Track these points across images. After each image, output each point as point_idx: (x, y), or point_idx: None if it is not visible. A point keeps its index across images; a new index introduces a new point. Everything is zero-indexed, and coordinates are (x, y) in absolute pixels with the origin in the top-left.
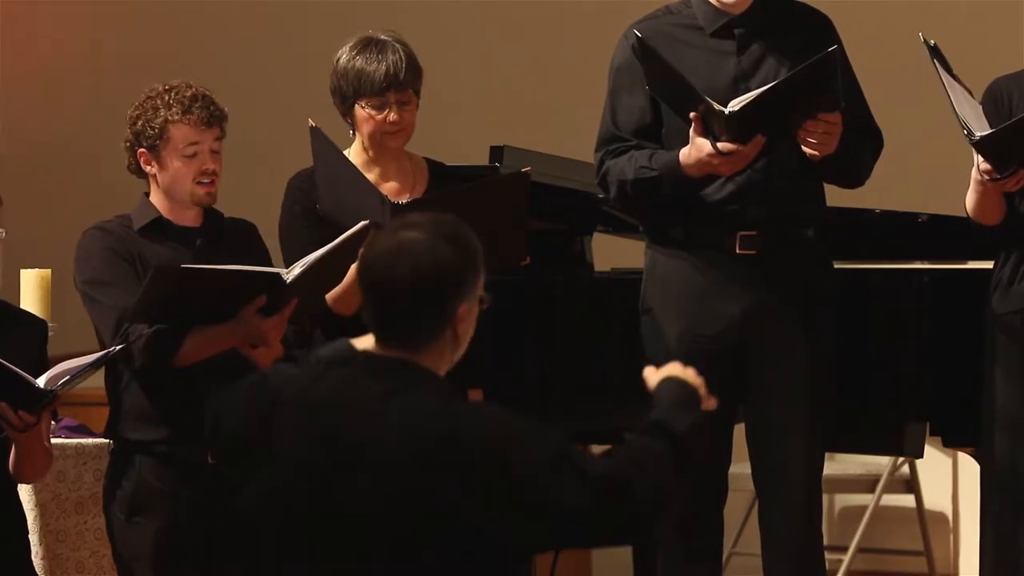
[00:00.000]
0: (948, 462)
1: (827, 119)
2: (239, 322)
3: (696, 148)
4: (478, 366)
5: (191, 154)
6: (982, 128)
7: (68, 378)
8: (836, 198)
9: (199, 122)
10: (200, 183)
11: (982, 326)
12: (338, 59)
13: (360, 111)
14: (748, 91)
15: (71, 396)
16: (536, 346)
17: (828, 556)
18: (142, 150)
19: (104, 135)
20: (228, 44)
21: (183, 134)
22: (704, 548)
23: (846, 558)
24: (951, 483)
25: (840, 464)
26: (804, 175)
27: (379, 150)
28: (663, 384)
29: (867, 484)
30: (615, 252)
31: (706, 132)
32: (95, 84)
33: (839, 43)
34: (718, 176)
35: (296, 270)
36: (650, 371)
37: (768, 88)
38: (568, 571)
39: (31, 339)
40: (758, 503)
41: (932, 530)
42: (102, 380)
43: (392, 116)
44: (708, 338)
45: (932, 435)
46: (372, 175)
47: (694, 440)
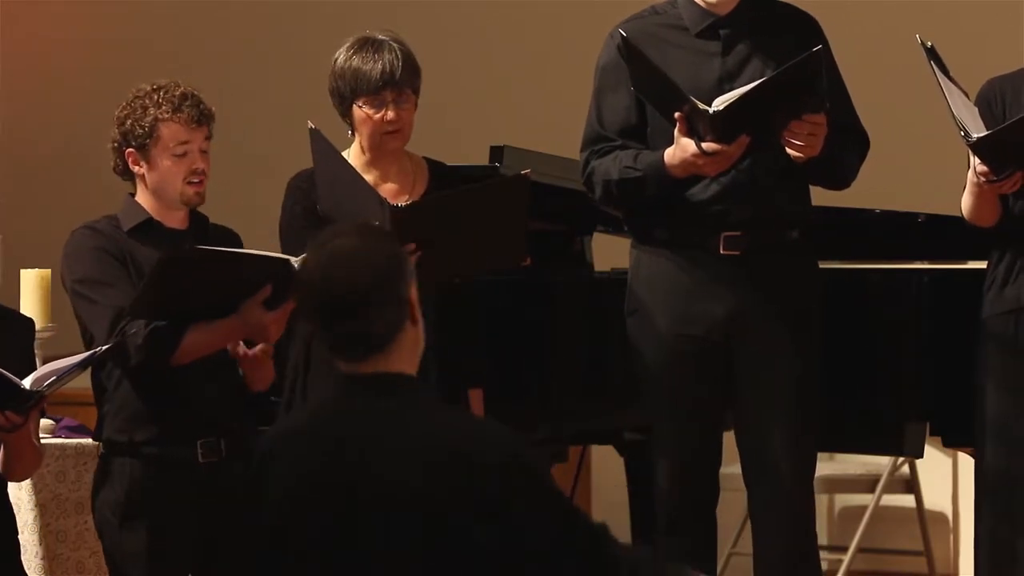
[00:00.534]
0: (948, 462)
1: (812, 120)
2: (240, 316)
3: (680, 148)
4: (478, 366)
5: (181, 153)
6: (979, 130)
7: (55, 378)
8: (836, 198)
9: (189, 120)
10: (190, 183)
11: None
12: (335, 60)
13: (358, 111)
14: (733, 91)
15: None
16: (536, 346)
17: (828, 556)
18: (130, 150)
19: (104, 135)
20: (228, 44)
21: (173, 133)
22: (697, 547)
23: (846, 558)
24: (951, 483)
25: (840, 464)
26: (789, 176)
27: (377, 152)
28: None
29: (867, 484)
30: (615, 252)
31: (691, 132)
32: (95, 84)
33: (825, 43)
34: (703, 176)
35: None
36: None
37: (752, 87)
38: None
39: (17, 337)
40: (747, 503)
41: (932, 530)
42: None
43: (390, 115)
44: (694, 338)
45: (932, 435)
46: (371, 176)
47: None
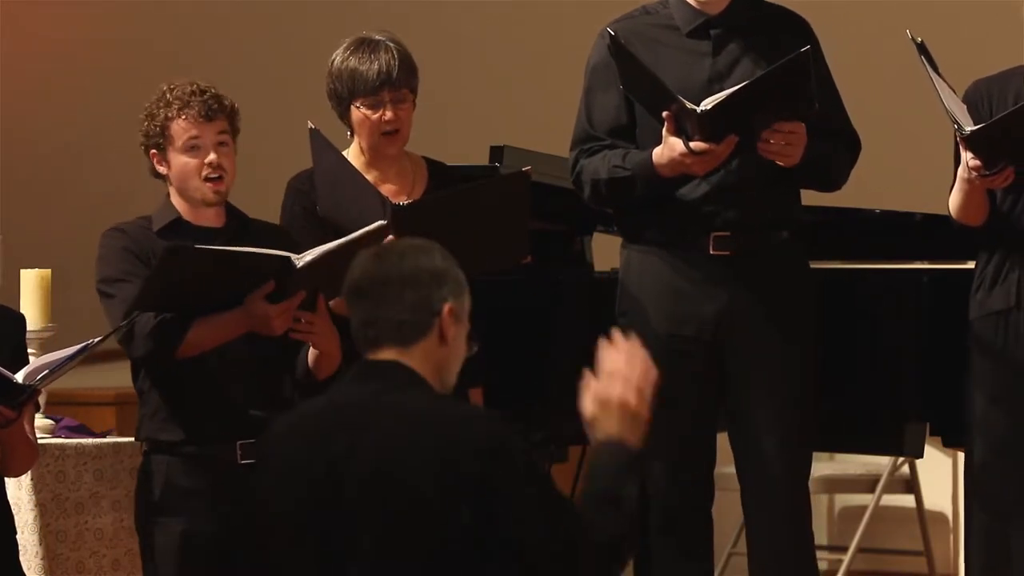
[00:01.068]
0: (948, 462)
1: (787, 128)
2: (244, 308)
3: (669, 147)
4: (478, 366)
5: (192, 147)
6: (970, 124)
7: (47, 372)
8: (835, 198)
9: (198, 115)
10: (208, 179)
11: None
12: (332, 61)
13: (356, 112)
14: (722, 91)
15: (71, 396)
16: (536, 346)
17: (828, 556)
18: (153, 151)
19: (104, 135)
20: (228, 45)
21: (182, 129)
22: (693, 547)
23: (846, 558)
24: (951, 483)
25: (840, 464)
26: (779, 177)
27: (376, 154)
28: (601, 448)
29: (867, 484)
30: (615, 252)
31: (679, 131)
32: (95, 84)
33: (816, 45)
34: (692, 176)
35: (308, 257)
36: (588, 389)
37: (741, 87)
38: None
39: (8, 333)
40: (742, 502)
41: (932, 530)
42: (101, 381)
43: (387, 115)
44: (686, 339)
45: (932, 435)
46: (371, 177)
47: (639, 501)
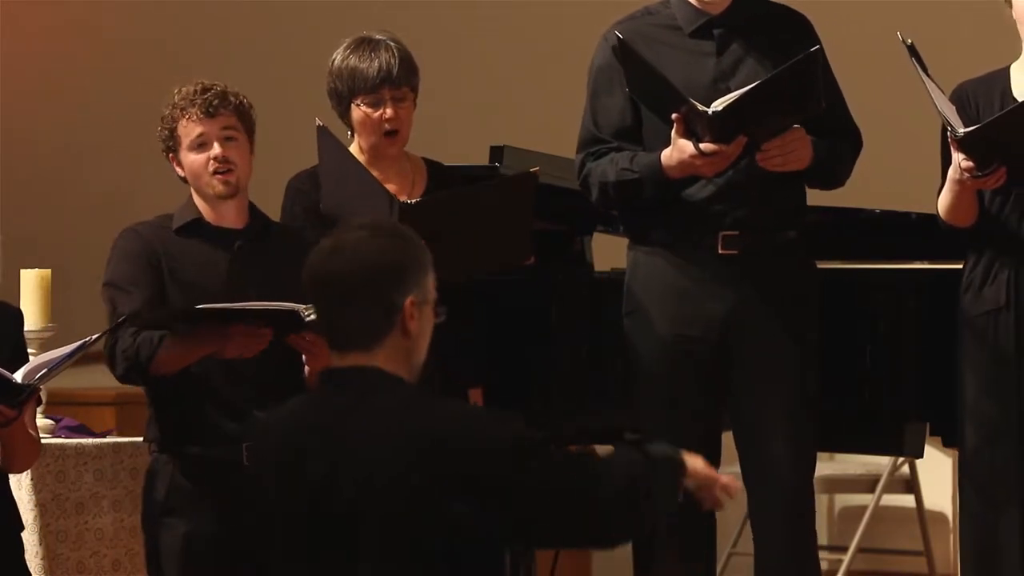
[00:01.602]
0: (948, 462)
1: (788, 137)
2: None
3: (678, 149)
4: (478, 366)
5: (199, 145)
6: (961, 126)
7: (46, 371)
8: (835, 198)
9: (200, 113)
10: (217, 173)
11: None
12: (333, 60)
13: (356, 110)
14: (728, 91)
15: (71, 396)
16: (536, 346)
17: (828, 556)
18: (171, 155)
19: (104, 135)
20: (229, 45)
21: (187, 129)
22: (695, 548)
23: (846, 558)
24: (951, 483)
25: (840, 464)
26: (786, 176)
27: (376, 154)
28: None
29: (867, 484)
30: (615, 252)
31: (688, 133)
32: (95, 84)
33: (819, 43)
34: (700, 177)
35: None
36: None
37: (751, 88)
38: (568, 571)
39: (6, 329)
40: (747, 503)
41: (932, 530)
42: (101, 381)
43: (388, 112)
44: (692, 339)
45: (932, 435)
46: None
47: (668, 478)
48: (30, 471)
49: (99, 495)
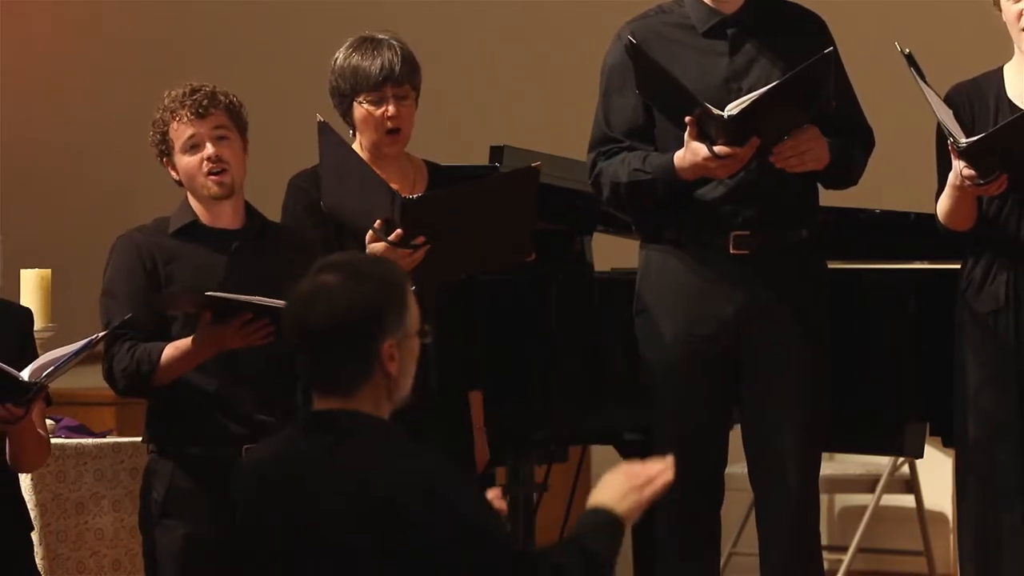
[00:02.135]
0: (948, 462)
1: (802, 138)
2: (199, 334)
3: (691, 152)
4: (477, 367)
5: (191, 147)
6: (962, 135)
7: (52, 369)
8: (836, 198)
9: (190, 115)
10: (210, 174)
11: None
12: (335, 59)
13: (358, 108)
14: (740, 92)
15: (71, 396)
16: (536, 346)
17: (828, 556)
18: (165, 159)
19: (104, 135)
20: (229, 45)
21: (178, 132)
22: (700, 549)
23: (846, 558)
24: (951, 483)
25: (840, 464)
26: (797, 176)
27: (376, 152)
28: (591, 509)
29: (867, 484)
30: (615, 252)
31: (701, 136)
32: (95, 84)
33: (833, 44)
34: (713, 178)
35: None
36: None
37: (766, 91)
38: None
39: (16, 328)
40: (755, 503)
41: (932, 530)
42: (101, 381)
43: (391, 110)
44: (703, 338)
45: (932, 435)
46: None
47: (611, 560)
48: None
49: (99, 495)
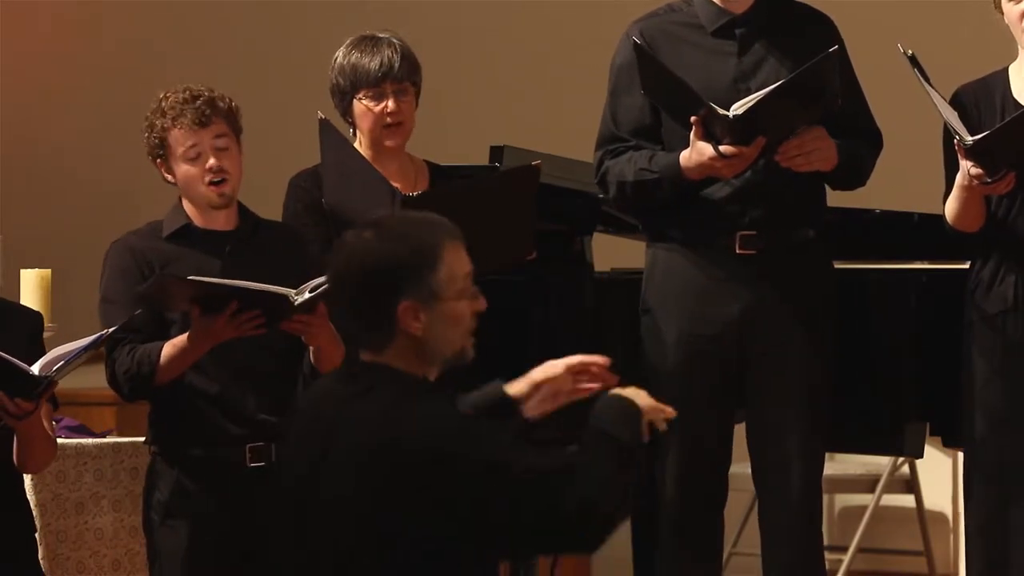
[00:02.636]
0: (948, 462)
1: (809, 136)
2: (194, 329)
3: (697, 152)
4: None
5: (193, 156)
6: (968, 134)
7: (63, 363)
8: (836, 198)
9: (192, 123)
10: (212, 183)
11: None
12: (335, 58)
13: (358, 105)
14: (748, 91)
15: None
16: (536, 346)
17: (828, 556)
18: (158, 161)
19: (104, 135)
20: (230, 45)
21: (179, 139)
22: (703, 549)
23: (846, 558)
24: (951, 483)
25: (840, 464)
26: (804, 176)
27: (378, 148)
28: (604, 399)
29: (867, 484)
30: (615, 252)
31: (707, 136)
32: (95, 85)
33: (842, 44)
34: (719, 178)
35: (306, 295)
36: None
37: (771, 91)
38: (568, 571)
39: (23, 331)
40: (758, 503)
41: (932, 530)
42: (101, 381)
43: (390, 106)
44: (707, 338)
45: (932, 435)
46: None
47: (638, 443)
48: None
49: (99, 495)
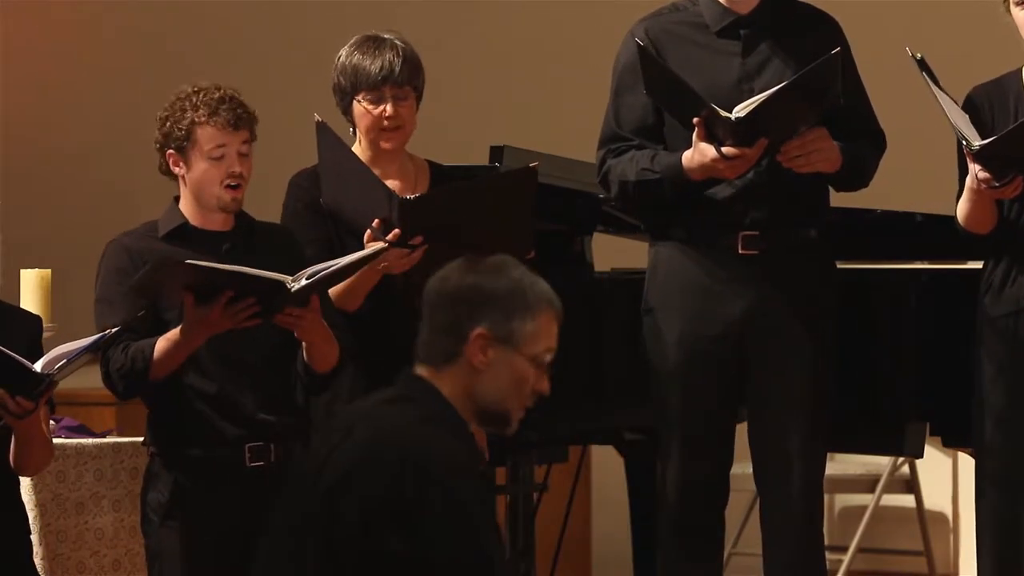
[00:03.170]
0: (948, 462)
1: (809, 137)
2: (188, 321)
3: (700, 153)
4: None
5: (218, 156)
6: (977, 138)
7: (64, 362)
8: (836, 198)
9: (226, 124)
10: (228, 187)
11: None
12: (338, 57)
13: (357, 106)
14: (751, 92)
15: (71, 396)
16: None
17: (828, 556)
18: (171, 151)
19: (105, 135)
20: (230, 45)
21: (209, 136)
22: (704, 549)
23: (846, 558)
24: (951, 483)
25: (840, 464)
26: (806, 177)
27: (377, 149)
28: None
29: (867, 484)
30: (615, 252)
31: (709, 137)
32: (95, 84)
33: (846, 44)
34: (721, 178)
35: (302, 281)
36: None
37: (773, 92)
38: (568, 571)
39: (23, 334)
40: (758, 503)
41: (932, 530)
42: (100, 380)
43: (388, 110)
44: (709, 339)
45: (932, 435)
46: None
47: None
48: None
49: (99, 495)
